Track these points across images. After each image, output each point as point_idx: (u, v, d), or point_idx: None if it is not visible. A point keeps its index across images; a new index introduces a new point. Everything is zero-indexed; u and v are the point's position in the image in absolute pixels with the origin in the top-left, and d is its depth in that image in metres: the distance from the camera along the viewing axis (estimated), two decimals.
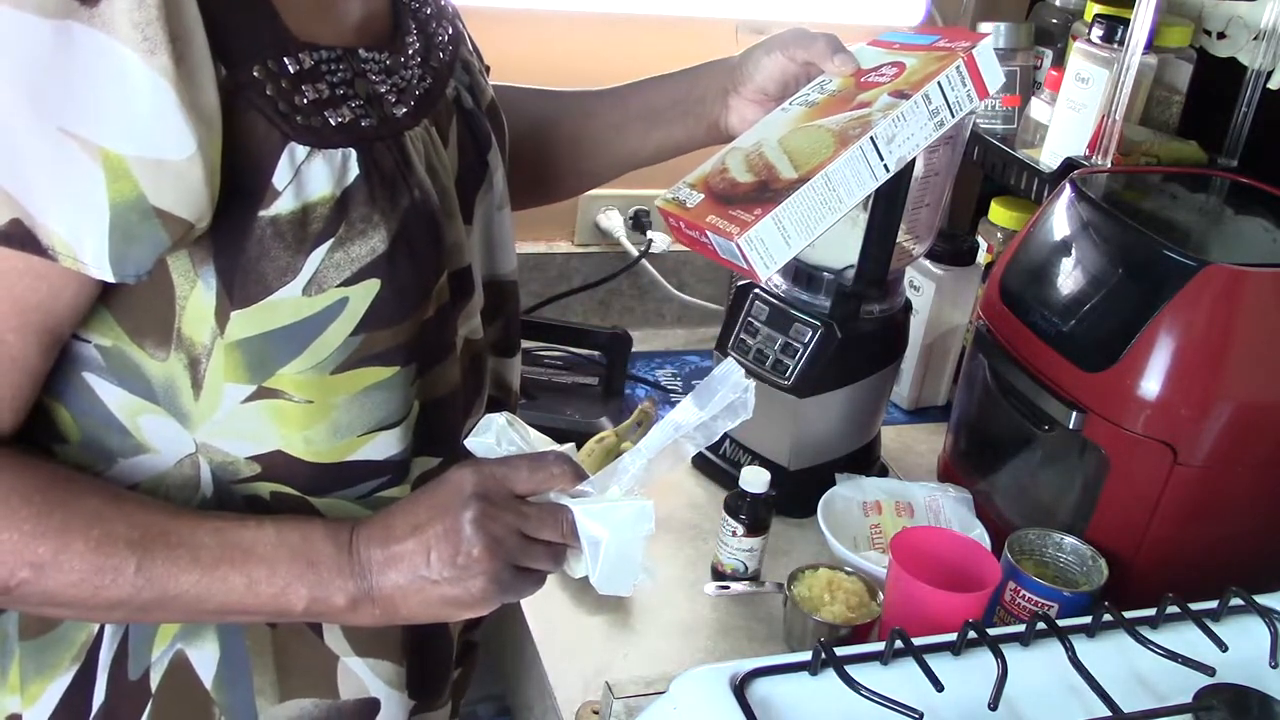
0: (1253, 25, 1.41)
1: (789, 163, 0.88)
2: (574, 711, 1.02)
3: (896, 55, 0.96)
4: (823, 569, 1.12)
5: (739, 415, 0.80)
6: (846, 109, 0.91)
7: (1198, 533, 1.11)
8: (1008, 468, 1.25)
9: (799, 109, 0.95)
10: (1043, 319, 1.16)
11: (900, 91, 0.90)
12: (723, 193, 0.89)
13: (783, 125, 0.94)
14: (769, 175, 0.88)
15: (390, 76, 0.77)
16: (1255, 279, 1.05)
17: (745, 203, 0.87)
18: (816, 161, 0.86)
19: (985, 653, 0.81)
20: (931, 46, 0.95)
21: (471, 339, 0.87)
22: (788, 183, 0.86)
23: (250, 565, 0.72)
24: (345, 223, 0.71)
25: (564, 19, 1.53)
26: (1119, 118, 1.30)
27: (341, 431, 0.77)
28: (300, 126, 0.69)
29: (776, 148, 0.91)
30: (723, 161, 0.93)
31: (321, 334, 0.72)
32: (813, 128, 0.91)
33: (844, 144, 0.87)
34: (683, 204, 0.91)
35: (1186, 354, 1.05)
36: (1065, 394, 1.11)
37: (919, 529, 1.11)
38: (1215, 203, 1.31)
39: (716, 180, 0.91)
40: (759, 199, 0.86)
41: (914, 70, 0.92)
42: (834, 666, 0.78)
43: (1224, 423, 1.06)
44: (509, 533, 0.75)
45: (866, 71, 0.95)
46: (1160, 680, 0.84)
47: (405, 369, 0.78)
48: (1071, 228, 1.19)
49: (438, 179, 0.80)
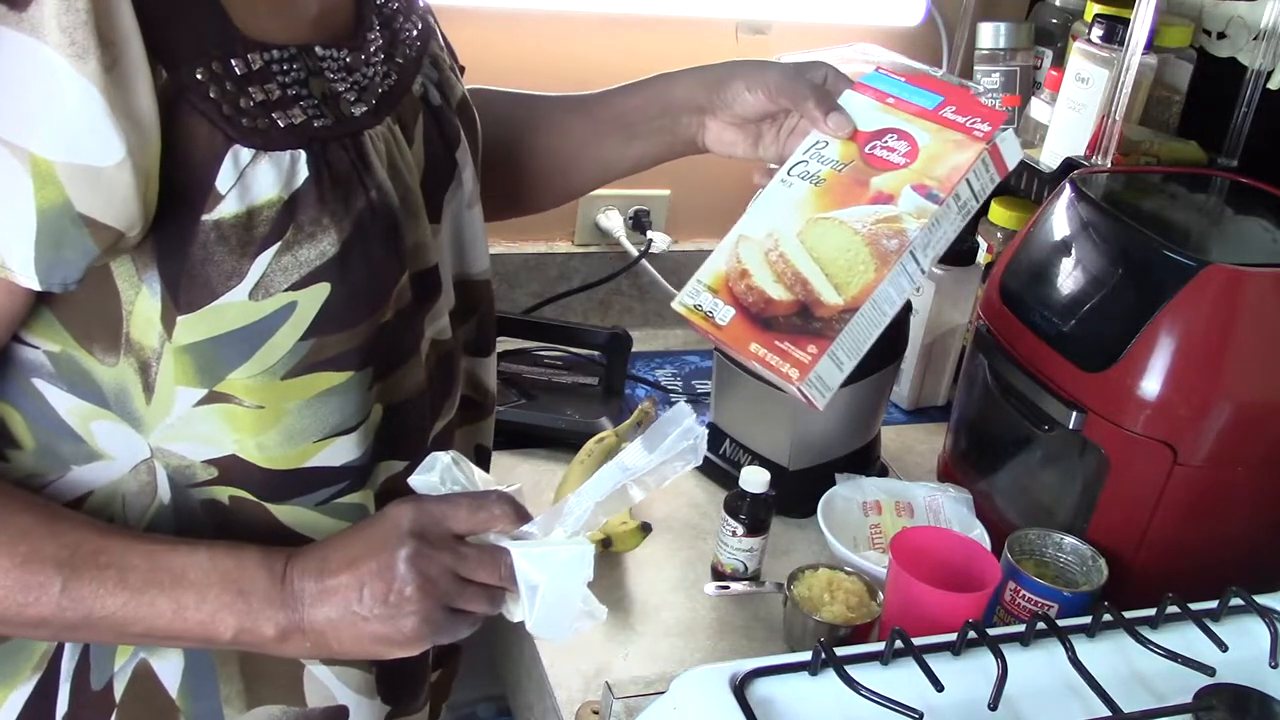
0: (1253, 25, 1.41)
1: (823, 277, 0.85)
2: (574, 711, 1.02)
3: (896, 118, 0.91)
4: (823, 569, 1.12)
5: (689, 461, 0.77)
6: (863, 197, 0.87)
7: (1198, 533, 1.11)
8: (1008, 468, 1.25)
9: (804, 186, 0.90)
10: (1043, 319, 1.16)
11: (925, 188, 0.86)
12: (758, 312, 0.85)
13: (793, 211, 0.89)
14: (806, 294, 0.84)
15: (350, 74, 0.76)
16: (1255, 279, 1.05)
17: (790, 332, 0.83)
18: (858, 282, 0.83)
19: (985, 653, 0.81)
20: (939, 115, 0.90)
21: (439, 340, 0.86)
22: (834, 311, 0.83)
23: (179, 591, 0.71)
24: (293, 226, 0.69)
25: (564, 19, 1.53)
26: (1119, 118, 1.30)
27: (296, 437, 0.76)
28: (245, 129, 0.68)
29: (800, 250, 0.87)
30: (737, 256, 0.89)
31: (270, 339, 0.71)
32: (835, 225, 0.87)
33: (883, 261, 0.84)
34: (710, 317, 0.87)
35: (1186, 354, 1.05)
36: (1065, 394, 1.11)
37: (919, 529, 1.11)
38: (1215, 203, 1.31)
39: (742, 289, 0.87)
40: (806, 329, 0.83)
41: (931, 154, 0.88)
42: (834, 666, 0.78)
43: (1224, 423, 1.06)
44: (444, 573, 0.73)
45: (869, 139, 0.90)
46: (1160, 680, 0.84)
47: (361, 373, 0.76)
48: (1071, 228, 1.19)
49: (400, 178, 0.78)
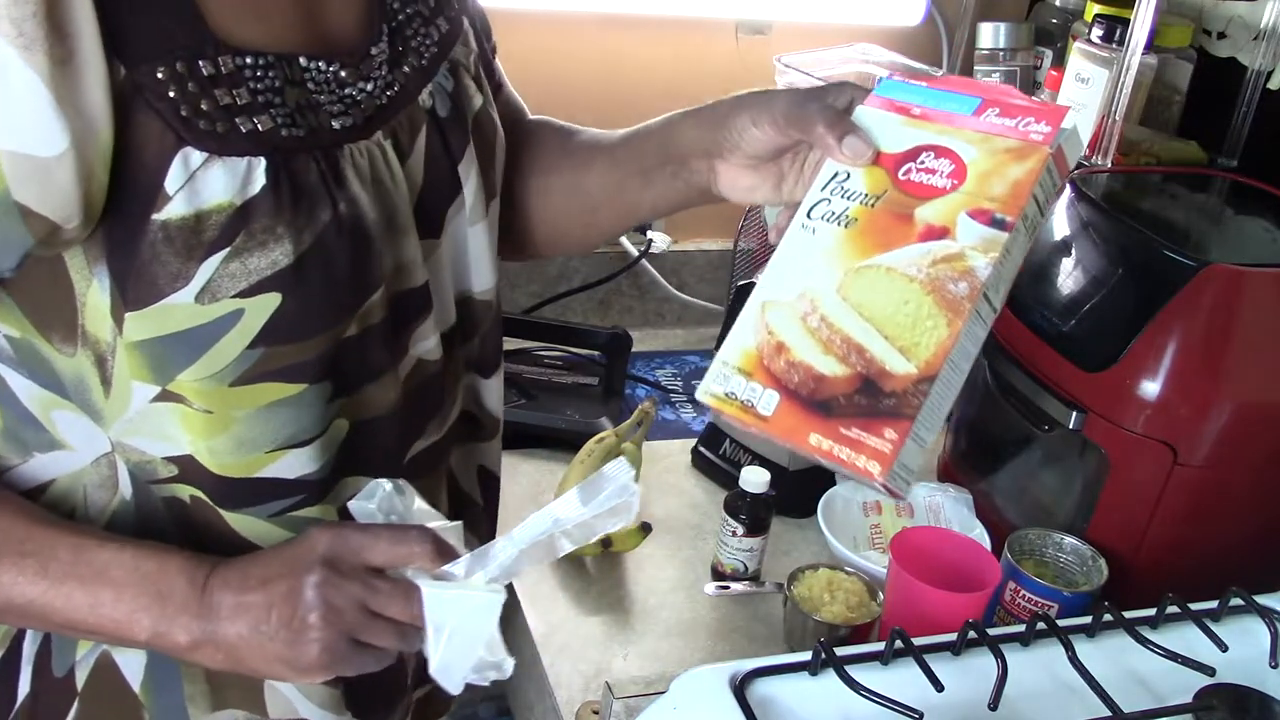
0: (1253, 25, 1.41)
1: (883, 341, 0.69)
2: (574, 711, 1.02)
3: (928, 131, 0.76)
4: (823, 569, 1.12)
5: (621, 519, 0.73)
6: (910, 235, 0.72)
7: (1198, 533, 1.11)
8: (1008, 468, 1.25)
9: (832, 230, 0.75)
10: (1043, 319, 1.16)
11: (986, 213, 0.71)
12: (809, 394, 0.70)
13: (826, 263, 0.74)
14: (866, 365, 0.69)
15: (340, 87, 0.75)
16: (1255, 279, 1.05)
17: (857, 415, 0.68)
18: (929, 342, 0.69)
19: (985, 653, 0.81)
20: (981, 122, 0.75)
21: (426, 360, 0.84)
22: (907, 382, 0.68)
23: (98, 586, 0.71)
24: (245, 233, 0.68)
25: (563, 19, 1.53)
26: (1119, 118, 1.30)
27: (246, 445, 0.75)
28: (200, 131, 0.67)
29: (845, 310, 0.71)
30: (768, 327, 0.73)
31: (217, 344, 0.70)
32: (883, 274, 0.72)
33: (954, 310, 0.69)
34: (750, 407, 0.71)
35: (1186, 354, 1.05)
36: (1065, 394, 1.11)
37: (919, 529, 1.11)
38: (1215, 203, 1.31)
39: (782, 367, 0.71)
40: (876, 408, 0.68)
41: (982, 170, 0.73)
42: (834, 666, 0.78)
43: (1224, 423, 1.06)
44: (351, 605, 0.71)
45: (900, 161, 0.75)
46: (1160, 680, 0.84)
47: (317, 386, 0.75)
48: (1071, 228, 1.19)
49: (385, 195, 0.77)
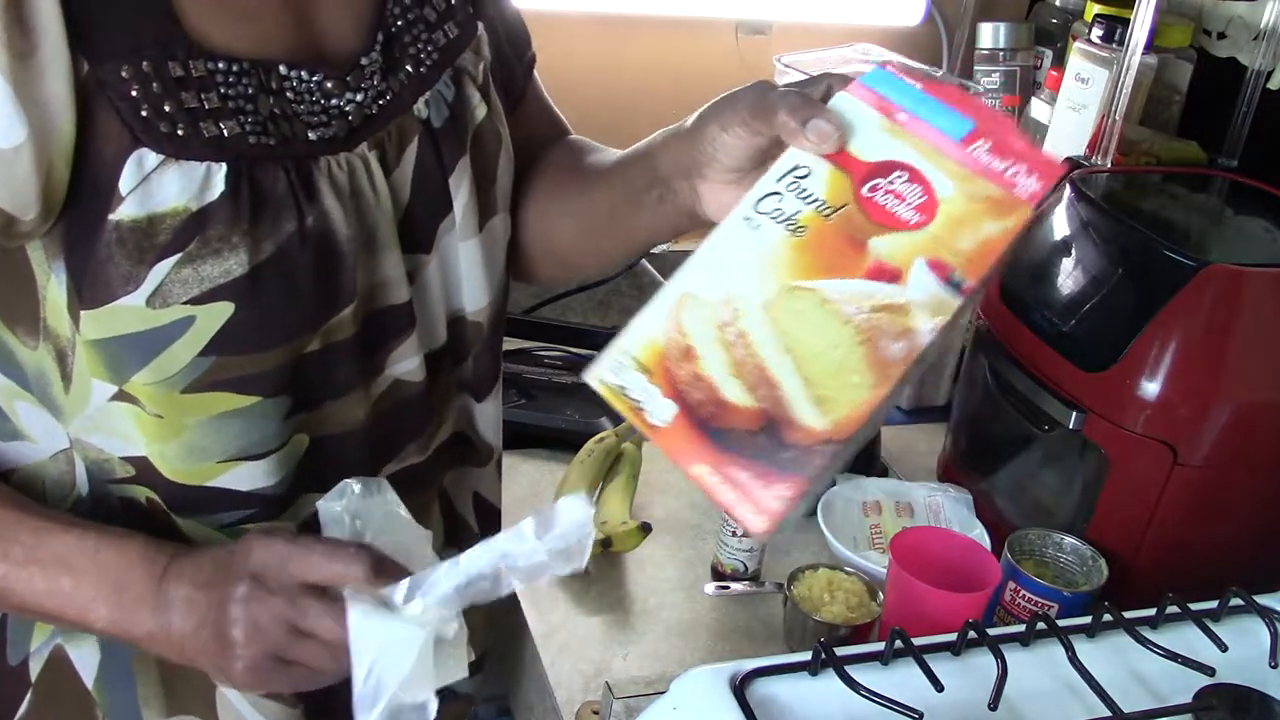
0: (1253, 25, 1.41)
1: (800, 384, 0.62)
2: (574, 711, 1.02)
3: (908, 147, 0.67)
4: (823, 569, 1.12)
5: (574, 562, 0.67)
6: (859, 266, 0.65)
7: (1198, 533, 1.11)
8: (1008, 468, 1.25)
9: (777, 233, 0.66)
10: (1043, 319, 1.16)
11: (945, 268, 0.64)
12: (708, 417, 0.63)
13: (761, 269, 0.66)
14: (774, 406, 0.62)
15: (325, 99, 0.73)
16: (1255, 279, 1.05)
17: (752, 457, 0.62)
18: (847, 399, 0.62)
19: (985, 653, 0.81)
20: (967, 154, 0.66)
21: (405, 380, 0.82)
22: (812, 437, 0.61)
23: (58, 572, 0.70)
24: (199, 239, 0.67)
25: (564, 20, 1.53)
26: (1119, 118, 1.30)
27: (197, 454, 0.74)
28: (160, 133, 0.66)
29: (769, 334, 0.64)
30: (680, 326, 0.65)
31: (167, 349, 0.69)
32: (819, 305, 0.64)
33: (882, 373, 0.62)
34: (640, 410, 0.64)
35: (1186, 354, 1.05)
36: (1065, 394, 1.11)
37: (919, 529, 1.11)
38: (1215, 203, 1.31)
39: (686, 377, 0.64)
40: (773, 457, 0.61)
41: (954, 213, 0.65)
42: (834, 666, 0.78)
43: (1224, 423, 1.06)
44: (275, 622, 0.67)
45: (870, 173, 0.67)
46: (1160, 680, 0.84)
47: (272, 400, 0.73)
48: (1071, 228, 1.19)
49: (364, 210, 0.75)
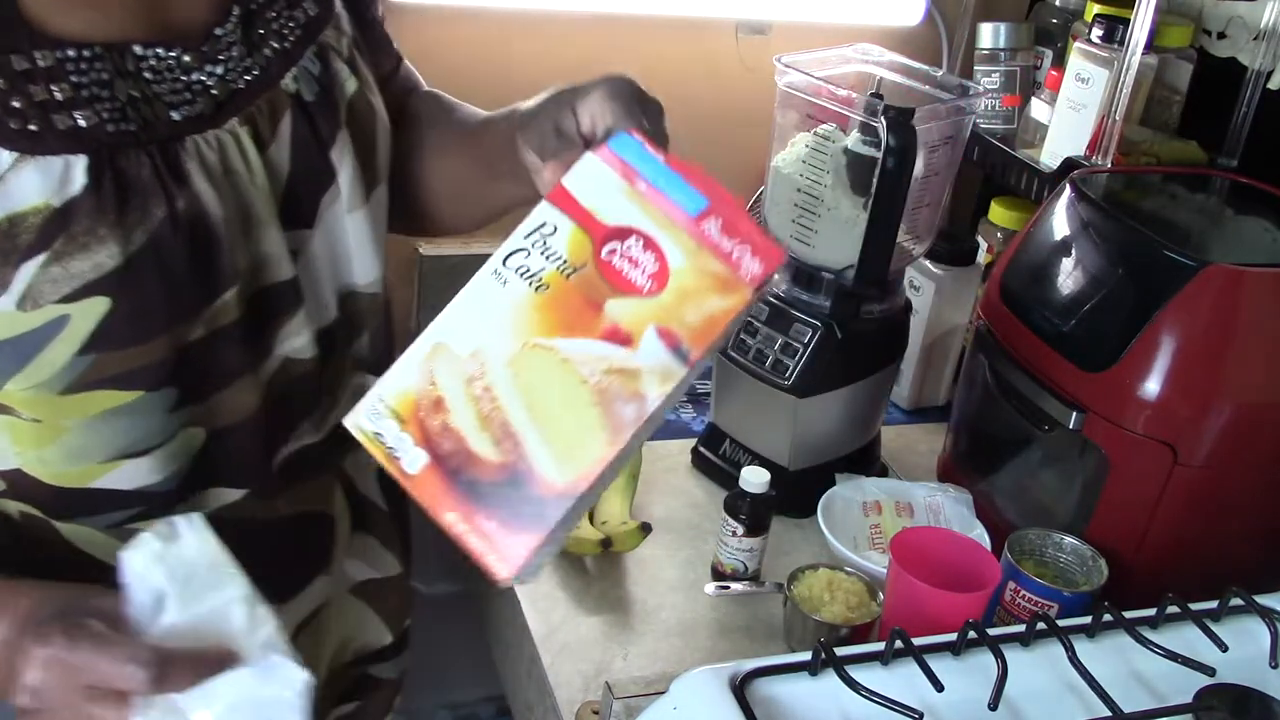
0: (1253, 25, 1.41)
1: (539, 439, 0.66)
2: (574, 711, 1.02)
3: (644, 216, 0.70)
4: (823, 569, 1.12)
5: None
6: (595, 328, 0.68)
7: (1198, 533, 1.11)
8: (1008, 468, 1.25)
9: (522, 289, 0.69)
10: (1043, 319, 1.16)
11: (673, 338, 0.67)
12: (457, 467, 0.67)
13: (506, 325, 0.69)
14: (517, 459, 0.66)
15: (185, 74, 0.72)
16: (1255, 279, 1.05)
17: (497, 506, 0.66)
18: (583, 456, 0.66)
19: (985, 653, 0.81)
20: (699, 230, 0.69)
21: (295, 358, 0.80)
22: (551, 490, 0.65)
23: None
24: (64, 235, 0.65)
25: (564, 20, 1.53)
26: (1119, 118, 1.30)
27: (78, 456, 0.72)
28: (10, 131, 0.64)
29: (512, 390, 0.68)
30: (431, 377, 0.69)
31: (42, 351, 0.67)
32: (557, 364, 0.68)
33: (614, 431, 0.66)
34: (395, 458, 0.67)
35: (1186, 354, 1.05)
36: (1065, 394, 1.11)
37: (919, 529, 1.11)
38: (1215, 203, 1.31)
39: (437, 427, 0.67)
40: (515, 510, 0.65)
41: (683, 286, 0.68)
42: (834, 666, 0.78)
43: (1224, 423, 1.06)
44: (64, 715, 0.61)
45: (609, 236, 0.69)
46: (1160, 680, 0.84)
47: (157, 393, 0.72)
48: (1071, 228, 1.19)
49: (238, 187, 0.74)
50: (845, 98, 1.19)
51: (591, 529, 1.19)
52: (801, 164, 1.24)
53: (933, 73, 1.27)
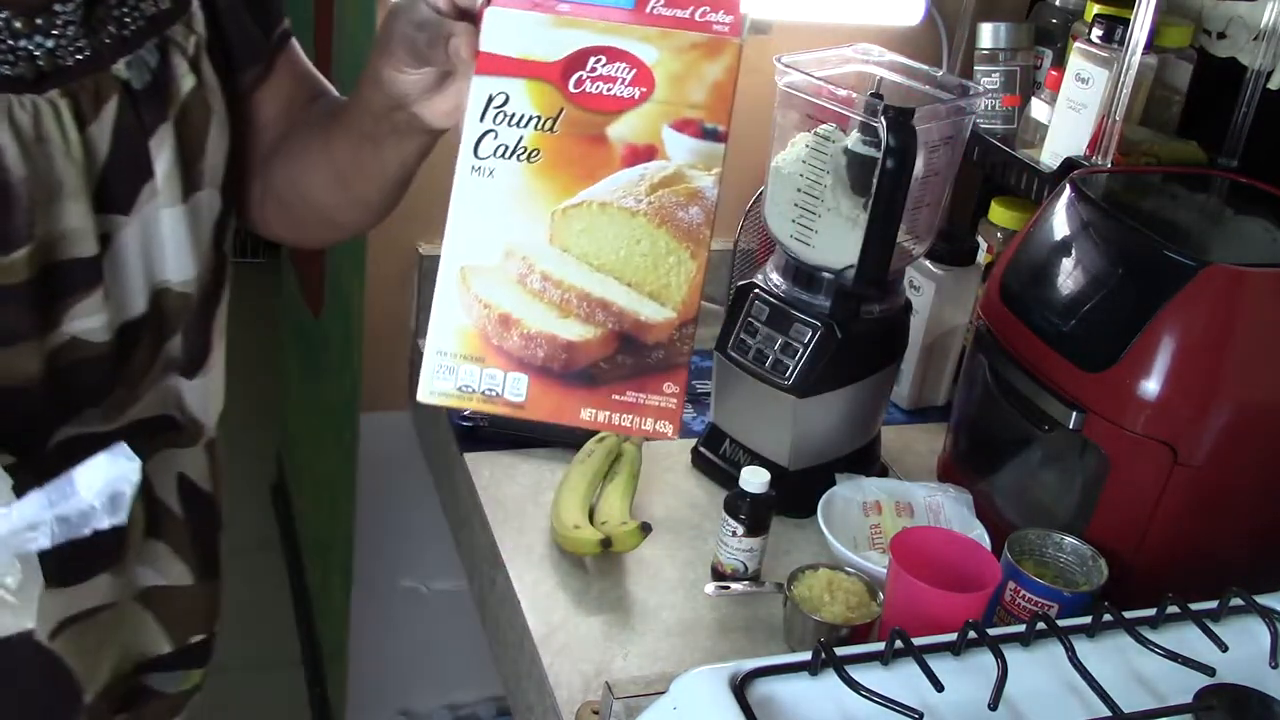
0: (1253, 25, 1.41)
1: (625, 289, 0.64)
2: (574, 711, 1.02)
3: (588, 33, 0.66)
4: (823, 569, 1.12)
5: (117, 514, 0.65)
6: (612, 160, 0.65)
7: (1198, 533, 1.11)
8: (1008, 468, 1.25)
9: (513, 169, 0.65)
10: (1043, 319, 1.16)
11: (693, 124, 0.65)
12: (563, 366, 0.63)
13: (521, 210, 0.65)
14: (616, 319, 0.64)
15: (13, 39, 0.73)
16: (1255, 279, 1.05)
17: (625, 376, 0.63)
18: (678, 280, 0.64)
19: (985, 653, 0.81)
20: (648, 15, 0.65)
21: (85, 340, 0.80)
22: (668, 328, 0.64)
23: None
24: None
25: None
26: (1119, 118, 1.30)
27: None
28: None
29: (569, 262, 0.64)
30: (479, 299, 0.65)
31: None
32: (599, 211, 0.65)
33: (693, 240, 0.64)
34: (497, 397, 0.64)
35: (1186, 354, 1.05)
36: (1065, 394, 1.11)
37: (919, 529, 1.11)
38: (1215, 203, 1.31)
39: (517, 343, 0.64)
40: (643, 364, 0.63)
41: (671, 73, 0.65)
42: (834, 666, 0.78)
43: (1224, 423, 1.06)
44: None
45: (566, 70, 0.65)
46: (1160, 680, 0.84)
47: None
48: (1071, 228, 1.19)
49: (50, 154, 0.75)
50: (845, 98, 1.19)
51: (591, 529, 1.19)
52: (801, 164, 1.24)
53: (933, 73, 1.27)
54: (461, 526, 1.41)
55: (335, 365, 1.89)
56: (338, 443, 1.86)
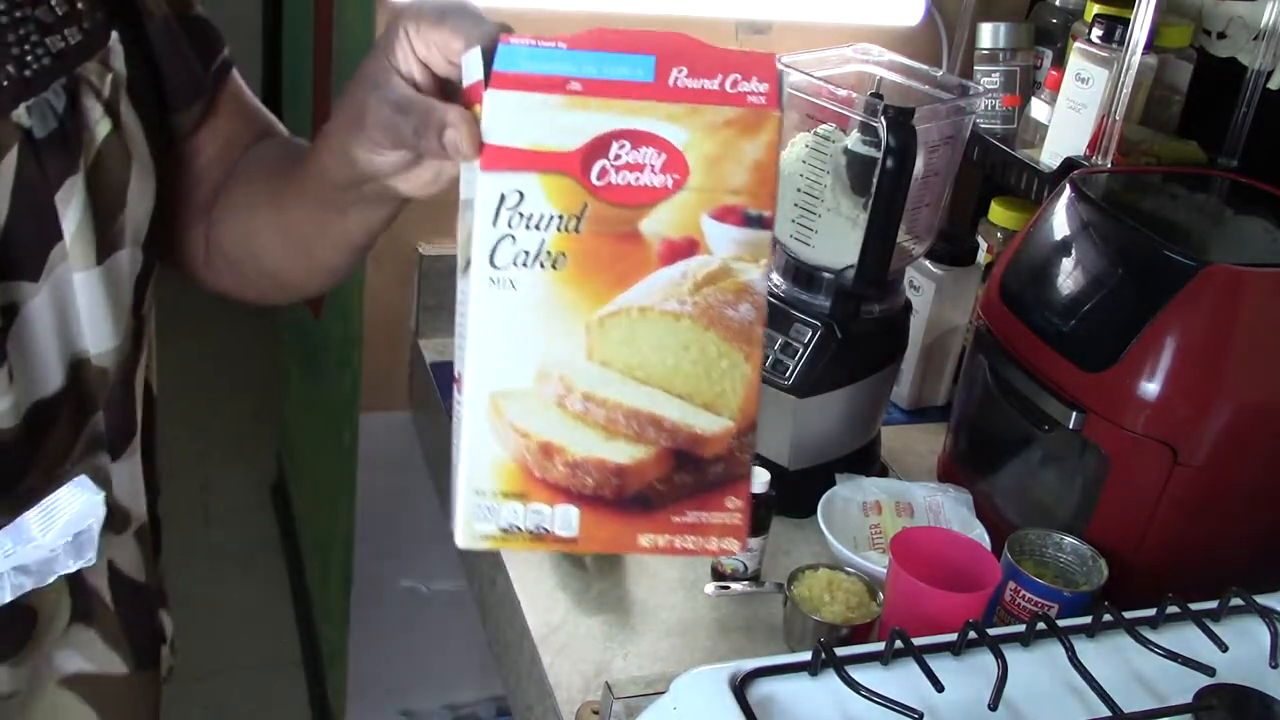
0: (1253, 25, 1.41)
1: (676, 402, 0.58)
2: (574, 711, 1.02)
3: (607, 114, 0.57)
4: (823, 569, 1.12)
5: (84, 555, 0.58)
6: (648, 260, 0.58)
7: (1198, 533, 1.11)
8: (1008, 468, 1.25)
9: (537, 276, 0.57)
10: (1043, 319, 1.16)
11: (734, 210, 0.58)
12: (615, 492, 0.57)
13: (554, 324, 0.57)
14: (670, 436, 0.58)
15: None
16: (1255, 279, 1.05)
17: (683, 497, 0.58)
18: (734, 386, 0.59)
19: (985, 653, 0.81)
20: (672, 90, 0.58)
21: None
22: (725, 438, 0.59)
23: None
24: None
25: (565, 20, 1.53)
26: (1119, 118, 1.30)
27: None
28: None
29: (611, 378, 0.58)
30: (514, 428, 0.57)
31: None
32: (640, 319, 0.58)
33: (747, 340, 0.59)
34: (544, 535, 0.57)
35: (1186, 354, 1.05)
36: (1065, 394, 1.11)
37: (919, 529, 1.11)
38: (1215, 203, 1.31)
39: (562, 472, 0.57)
40: (704, 482, 0.58)
41: (705, 154, 0.58)
42: (834, 666, 0.78)
43: (1224, 423, 1.06)
44: None
45: (585, 159, 0.57)
46: (1160, 680, 0.84)
47: None
48: (1071, 228, 1.19)
49: None
50: (845, 98, 1.19)
51: None
52: (801, 164, 1.24)
53: (933, 73, 1.27)
54: None
55: (335, 365, 1.89)
56: (338, 443, 1.86)
